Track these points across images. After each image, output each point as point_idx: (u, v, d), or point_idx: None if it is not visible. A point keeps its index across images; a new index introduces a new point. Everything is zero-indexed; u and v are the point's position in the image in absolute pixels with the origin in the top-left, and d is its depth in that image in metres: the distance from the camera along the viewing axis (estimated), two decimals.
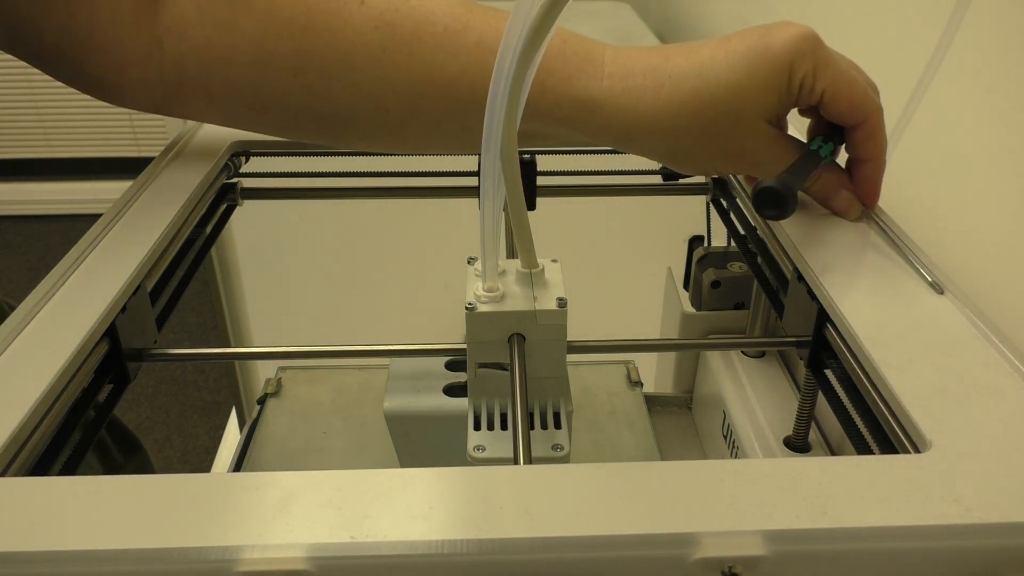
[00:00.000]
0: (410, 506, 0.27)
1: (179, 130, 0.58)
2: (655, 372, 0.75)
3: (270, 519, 0.27)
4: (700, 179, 0.58)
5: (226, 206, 0.55)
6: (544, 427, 0.42)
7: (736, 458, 0.56)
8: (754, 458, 0.53)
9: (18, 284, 2.34)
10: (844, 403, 0.38)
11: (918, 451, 0.31)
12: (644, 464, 0.29)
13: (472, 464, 0.40)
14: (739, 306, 0.62)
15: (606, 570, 0.27)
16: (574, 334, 0.42)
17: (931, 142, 0.55)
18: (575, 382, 0.66)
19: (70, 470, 0.34)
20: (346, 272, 1.01)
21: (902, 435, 0.32)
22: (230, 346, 1.02)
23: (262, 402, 0.66)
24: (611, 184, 0.58)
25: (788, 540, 0.26)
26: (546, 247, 0.42)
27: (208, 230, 0.52)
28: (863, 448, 0.36)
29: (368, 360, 0.68)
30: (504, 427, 0.42)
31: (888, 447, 0.33)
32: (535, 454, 0.40)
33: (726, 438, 0.59)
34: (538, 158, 0.54)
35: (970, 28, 0.41)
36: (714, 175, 0.57)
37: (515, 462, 0.35)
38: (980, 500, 0.27)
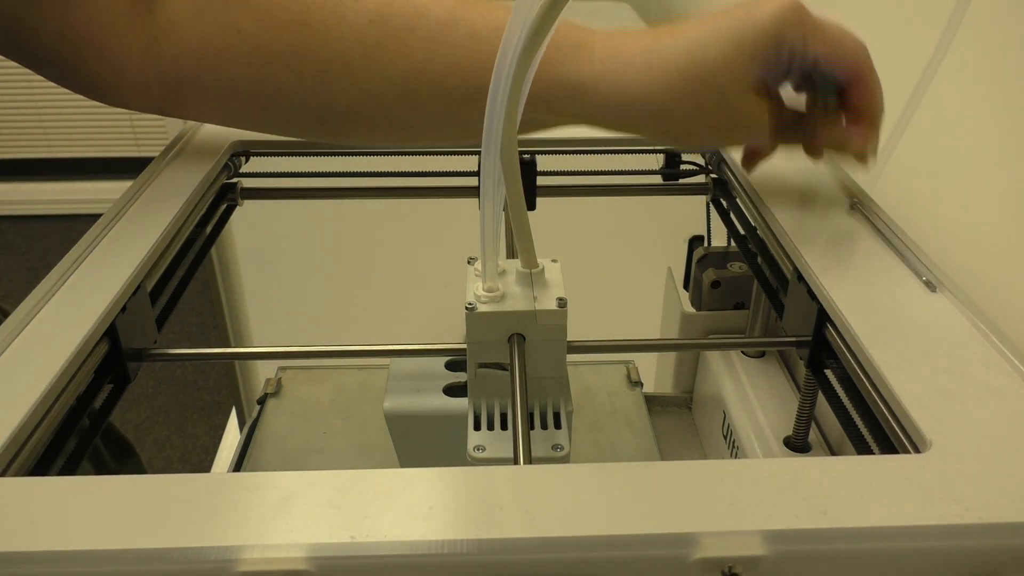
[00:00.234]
0: (410, 506, 0.27)
1: (179, 130, 0.58)
2: (655, 372, 0.75)
3: (270, 519, 0.27)
4: (700, 179, 0.58)
5: (226, 206, 0.55)
6: (544, 427, 0.42)
7: (736, 458, 0.56)
8: (754, 458, 0.53)
9: (18, 284, 2.34)
10: (844, 403, 0.38)
11: (918, 451, 0.31)
12: (644, 464, 0.29)
13: (472, 464, 0.40)
14: (739, 306, 0.62)
15: (606, 570, 0.27)
16: (574, 334, 0.42)
17: (931, 142, 0.55)
18: (575, 382, 0.66)
19: (70, 470, 0.34)
20: (346, 272, 1.01)
21: (902, 435, 0.32)
22: (230, 346, 1.02)
23: (262, 402, 0.66)
24: (611, 184, 0.58)
25: (788, 540, 0.26)
26: (546, 247, 0.42)
27: (208, 230, 0.52)
28: (863, 448, 0.36)
29: (368, 360, 0.68)
30: (504, 427, 0.42)
31: (888, 447, 0.33)
32: (535, 454, 0.40)
33: (726, 438, 0.59)
34: (538, 158, 0.54)
35: (970, 27, 0.41)
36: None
37: (515, 462, 0.35)
38: (980, 500, 0.27)
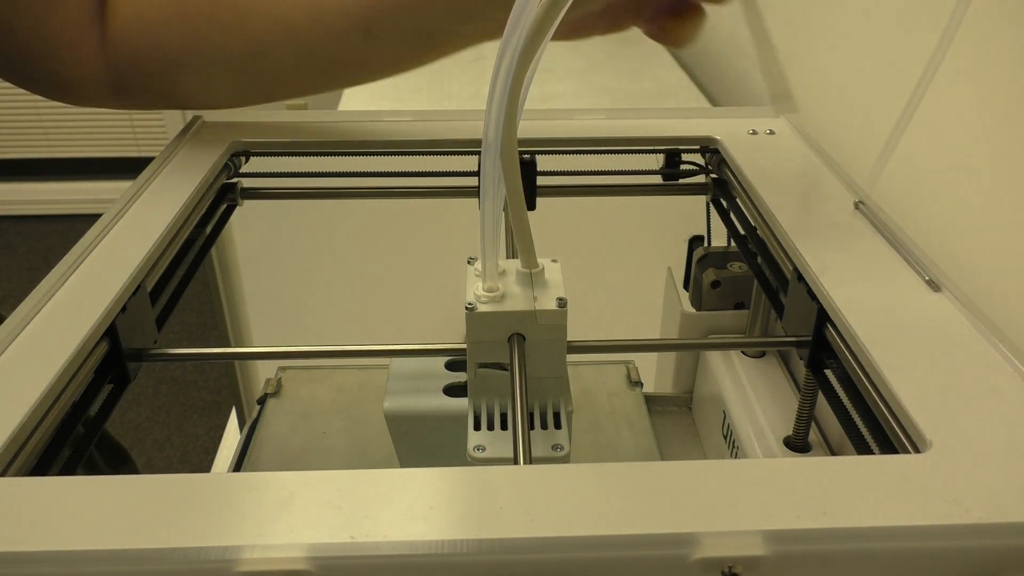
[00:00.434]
0: (410, 506, 0.27)
1: (179, 130, 0.58)
2: (655, 372, 0.75)
3: (270, 519, 0.27)
4: (700, 179, 0.58)
5: (226, 206, 0.55)
6: (544, 427, 0.42)
7: (736, 458, 0.56)
8: (754, 458, 0.53)
9: (18, 284, 2.34)
10: (844, 403, 0.38)
11: (918, 451, 0.31)
12: (644, 464, 0.29)
13: (472, 464, 0.40)
14: (739, 306, 0.62)
15: (606, 570, 0.27)
16: (574, 334, 0.42)
17: (931, 141, 0.55)
18: (575, 382, 0.66)
19: (70, 470, 0.34)
20: (346, 272, 1.01)
21: (902, 435, 0.32)
22: (230, 346, 1.02)
23: (262, 402, 0.66)
24: (611, 184, 0.58)
25: (788, 540, 0.26)
26: (546, 247, 0.42)
27: (208, 230, 0.52)
28: (863, 448, 0.36)
29: (368, 360, 0.68)
30: (504, 427, 0.42)
31: (888, 447, 0.33)
32: (535, 454, 0.40)
33: (726, 438, 0.59)
34: (538, 158, 0.54)
35: (970, 27, 0.41)
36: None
37: (515, 462, 0.35)
38: (980, 500, 0.27)
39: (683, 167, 0.59)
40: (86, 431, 0.36)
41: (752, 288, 0.60)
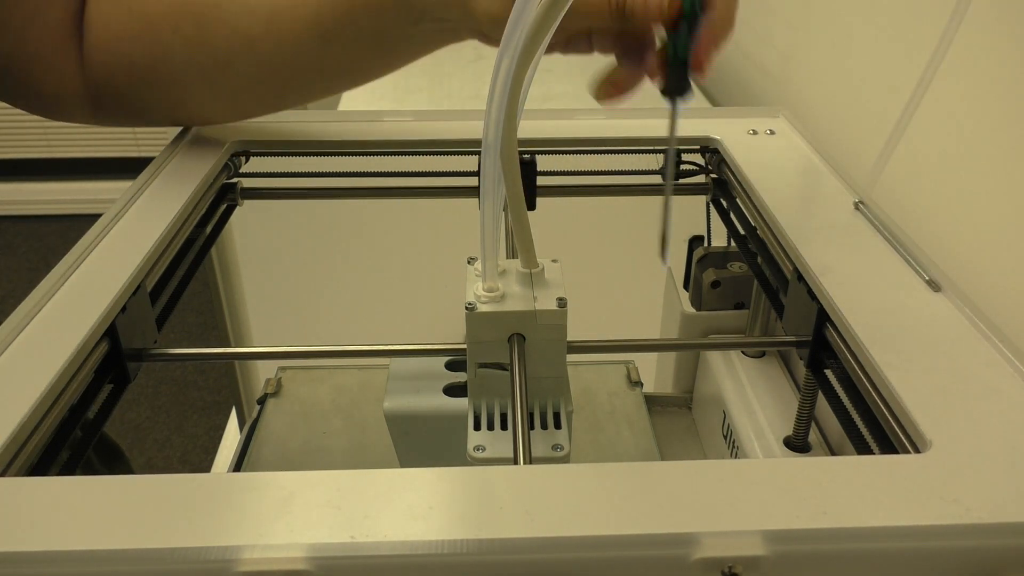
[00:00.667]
0: (410, 506, 0.27)
1: (179, 130, 0.58)
2: (655, 372, 0.75)
3: (270, 519, 0.27)
4: (700, 179, 0.58)
5: (226, 206, 0.55)
6: (544, 427, 0.42)
7: (736, 458, 0.56)
8: (754, 458, 0.53)
9: (18, 284, 2.33)
10: (844, 403, 0.38)
11: (918, 451, 0.31)
12: (644, 464, 0.29)
13: (472, 464, 0.40)
14: (739, 306, 0.62)
15: (606, 570, 0.27)
16: (574, 334, 0.42)
17: (931, 141, 0.55)
18: (575, 382, 0.66)
19: (70, 470, 0.34)
20: (346, 272, 1.01)
21: (902, 435, 0.32)
22: (230, 346, 1.02)
23: (262, 402, 0.66)
24: (611, 184, 0.58)
25: (788, 540, 0.26)
26: (546, 247, 0.42)
27: (208, 230, 0.52)
28: (863, 448, 0.36)
29: (368, 360, 0.68)
30: (504, 427, 0.42)
31: (888, 447, 0.33)
32: (535, 454, 0.40)
33: (726, 438, 0.59)
34: (538, 158, 0.54)
35: (971, 27, 0.41)
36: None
37: (515, 462, 0.35)
38: (980, 500, 0.27)
39: (683, 167, 0.59)
40: (86, 431, 0.36)
41: (752, 288, 0.60)
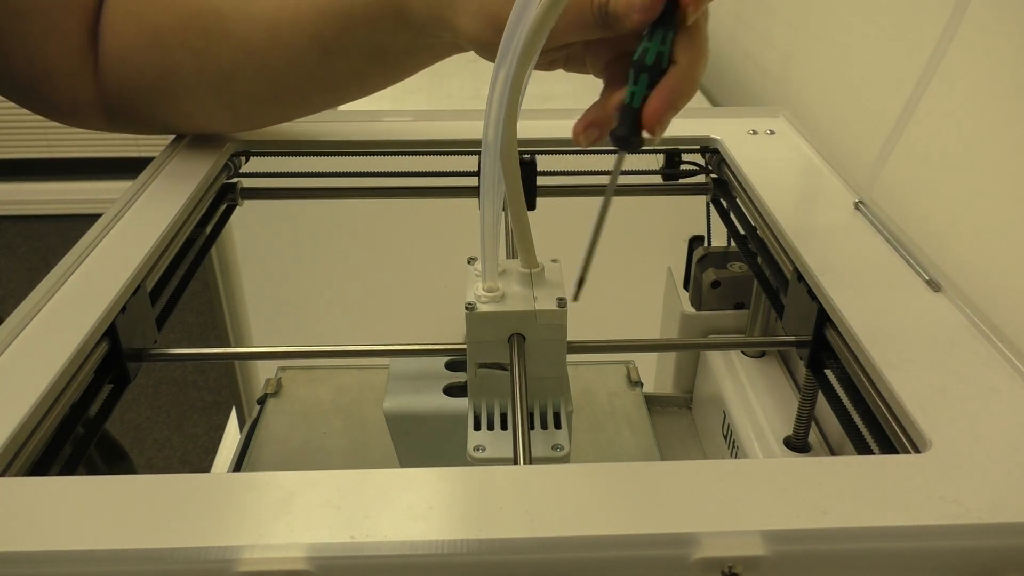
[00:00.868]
0: (410, 506, 0.27)
1: None
2: (655, 372, 0.75)
3: (270, 519, 0.27)
4: (700, 179, 0.58)
5: (226, 206, 0.55)
6: (544, 427, 0.42)
7: (736, 458, 0.56)
8: (754, 458, 0.53)
9: (18, 284, 2.33)
10: (844, 403, 0.38)
11: (918, 451, 0.31)
12: (644, 464, 0.29)
13: (472, 464, 0.40)
14: (739, 306, 0.62)
15: (606, 570, 0.27)
16: (574, 334, 0.42)
17: (931, 141, 0.55)
18: (575, 382, 0.66)
19: (70, 470, 0.34)
20: (346, 272, 1.01)
21: (902, 435, 0.32)
22: (230, 346, 1.02)
23: (262, 402, 0.66)
24: None
25: (788, 540, 0.26)
26: (546, 247, 0.42)
27: (208, 230, 0.52)
28: (863, 448, 0.36)
29: (368, 360, 0.68)
30: (504, 427, 0.42)
31: (888, 447, 0.33)
32: (535, 454, 0.40)
33: (726, 438, 0.59)
34: (538, 158, 0.54)
35: (970, 26, 0.41)
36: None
37: (515, 462, 0.35)
38: (980, 500, 0.27)
39: (683, 167, 0.59)
40: (86, 431, 0.36)
41: (752, 288, 0.60)
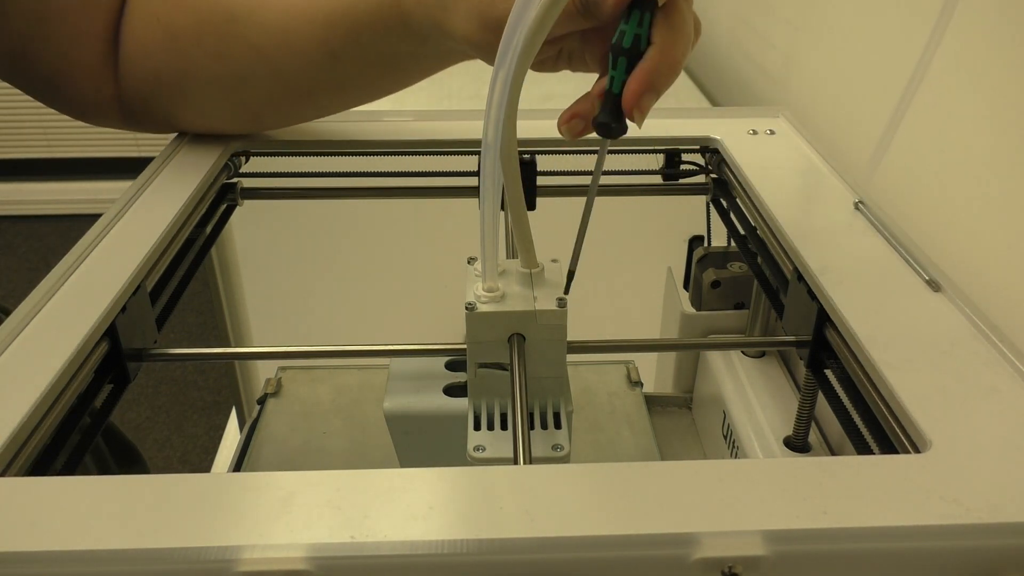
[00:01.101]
0: (410, 506, 0.27)
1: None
2: (655, 372, 0.75)
3: (270, 519, 0.27)
4: (700, 179, 0.58)
5: (226, 206, 0.55)
6: (544, 427, 0.42)
7: (736, 458, 0.56)
8: (754, 458, 0.53)
9: (18, 284, 2.33)
10: (844, 403, 0.38)
11: (918, 451, 0.31)
12: (644, 464, 0.29)
13: (472, 464, 0.40)
14: (739, 306, 0.62)
15: (606, 570, 0.27)
16: (574, 334, 0.42)
17: (930, 141, 0.55)
18: (575, 382, 0.66)
19: (70, 470, 0.34)
20: (346, 272, 1.01)
21: (902, 435, 0.32)
22: (230, 346, 1.02)
23: (262, 402, 0.66)
24: (611, 184, 0.58)
25: (788, 540, 0.26)
26: (546, 247, 0.42)
27: (208, 230, 0.52)
28: (863, 448, 0.36)
29: (368, 360, 0.68)
30: (504, 427, 0.42)
31: (888, 447, 0.33)
32: (535, 454, 0.40)
33: (726, 438, 0.59)
34: (538, 158, 0.54)
35: (968, 25, 0.41)
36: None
37: (515, 462, 0.35)
38: (980, 500, 0.27)
39: (683, 167, 0.59)
40: (86, 431, 0.36)
41: (752, 288, 0.60)
